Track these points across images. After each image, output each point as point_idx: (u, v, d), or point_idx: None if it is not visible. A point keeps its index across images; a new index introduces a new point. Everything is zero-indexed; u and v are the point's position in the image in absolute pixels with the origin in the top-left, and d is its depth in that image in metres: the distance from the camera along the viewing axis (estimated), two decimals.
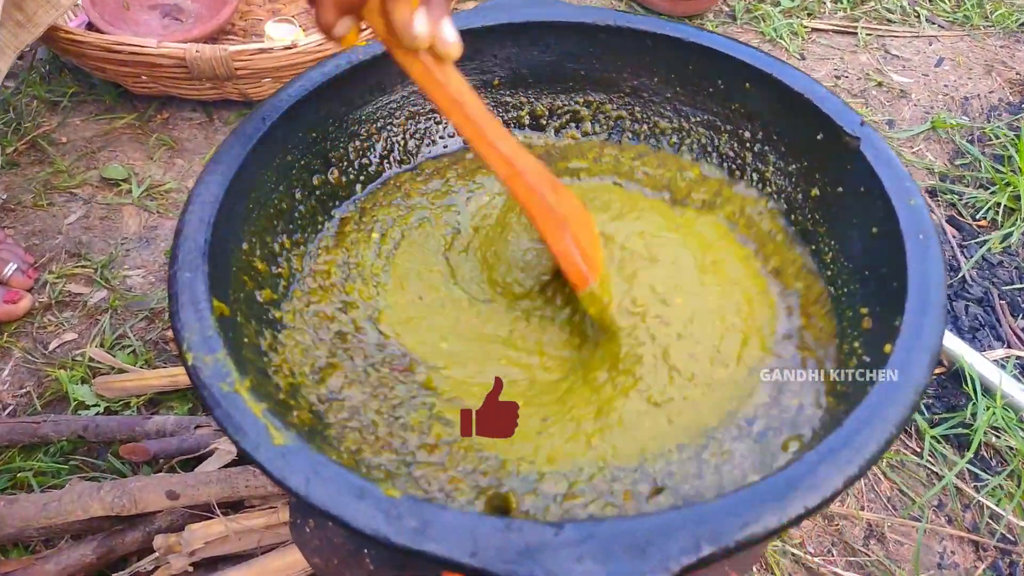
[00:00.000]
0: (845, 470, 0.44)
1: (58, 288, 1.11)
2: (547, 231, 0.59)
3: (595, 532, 0.41)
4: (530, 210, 0.59)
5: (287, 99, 0.64)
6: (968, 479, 0.98)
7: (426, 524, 0.42)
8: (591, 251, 0.61)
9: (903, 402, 0.47)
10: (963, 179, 1.35)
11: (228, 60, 1.23)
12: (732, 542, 0.41)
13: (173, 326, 0.50)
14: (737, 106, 0.71)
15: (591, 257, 0.61)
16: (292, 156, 0.67)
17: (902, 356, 0.49)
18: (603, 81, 0.75)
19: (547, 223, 0.59)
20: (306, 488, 0.43)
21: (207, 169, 0.58)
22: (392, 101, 0.74)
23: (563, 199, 0.60)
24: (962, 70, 1.58)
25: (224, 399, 0.46)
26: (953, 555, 0.92)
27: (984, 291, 1.21)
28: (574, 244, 0.59)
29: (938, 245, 0.55)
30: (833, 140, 0.63)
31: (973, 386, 1.04)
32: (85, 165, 1.29)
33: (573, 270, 0.60)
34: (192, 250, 0.53)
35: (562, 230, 0.59)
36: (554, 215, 0.58)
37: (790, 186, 0.68)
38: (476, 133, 0.56)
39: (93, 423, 0.92)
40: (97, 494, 0.78)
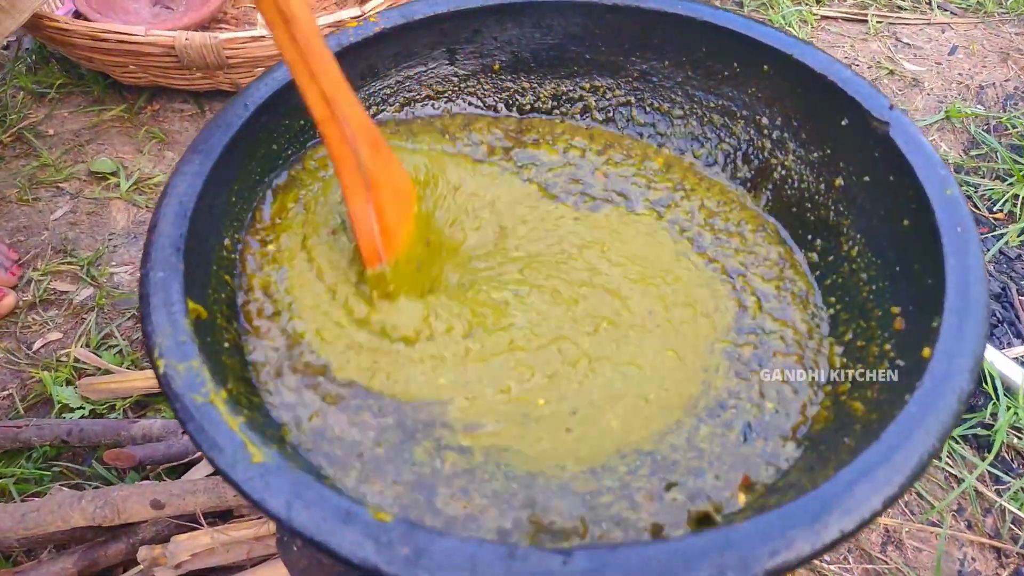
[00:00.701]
0: (884, 490, 0.40)
1: (43, 286, 1.06)
2: (347, 189, 0.53)
3: (609, 562, 0.37)
4: (337, 163, 0.53)
5: (272, 84, 0.60)
6: (989, 482, 0.94)
7: (420, 552, 0.38)
8: (396, 228, 0.55)
9: (946, 411, 0.43)
10: (979, 170, 1.31)
11: (219, 48, 1.19)
12: (761, 571, 0.37)
13: (144, 330, 0.46)
14: (755, 90, 0.66)
15: (393, 234, 0.55)
16: (278, 145, 0.62)
17: (943, 361, 0.45)
18: (610, 65, 0.71)
19: (350, 180, 0.53)
20: (287, 512, 0.39)
21: (184, 159, 0.54)
22: (385, 87, 0.69)
23: (382, 161, 0.54)
24: (976, 58, 1.53)
25: (198, 411, 0.42)
26: (974, 562, 0.89)
27: (1002, 286, 1.16)
28: (374, 212, 0.53)
29: (978, 239, 0.50)
30: (859, 125, 0.59)
31: (993, 385, 1.00)
32: (72, 158, 1.25)
33: (365, 241, 0.54)
34: (166, 247, 0.49)
35: (363, 191, 0.53)
36: (360, 173, 0.52)
37: (811, 176, 0.64)
38: (298, 56, 0.49)
39: (77, 427, 0.88)
40: (78, 504, 0.74)
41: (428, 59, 0.69)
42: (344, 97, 0.52)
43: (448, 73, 0.71)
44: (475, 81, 0.72)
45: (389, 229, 0.55)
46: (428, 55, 0.69)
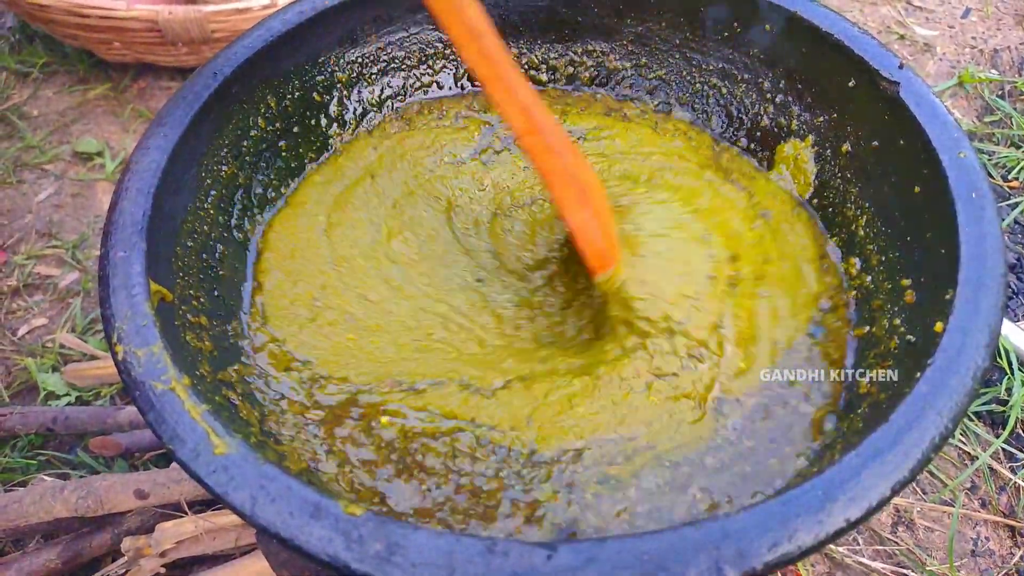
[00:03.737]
0: (893, 475, 0.37)
1: (27, 270, 1.04)
2: (565, 201, 0.51)
3: (595, 556, 0.34)
4: (546, 176, 0.51)
5: (242, 51, 0.56)
6: (1003, 459, 0.91)
7: (393, 548, 0.35)
8: (611, 229, 0.53)
9: (959, 391, 0.40)
10: (993, 137, 1.26)
11: (203, 22, 1.15)
12: (760, 564, 0.34)
13: (103, 314, 0.43)
14: (756, 51, 0.62)
15: (611, 236, 0.52)
16: (252, 117, 0.59)
17: (957, 336, 0.41)
18: (603, 28, 0.67)
19: (566, 191, 0.50)
20: (252, 506, 0.36)
21: (148, 133, 0.51)
22: (366, 55, 0.66)
23: (581, 166, 0.52)
24: (990, 21, 1.48)
25: (158, 400, 0.39)
26: (988, 541, 0.86)
27: (1017, 257, 1.12)
28: (595, 219, 0.51)
29: (994, 204, 0.47)
30: (867, 86, 0.55)
31: (1008, 359, 0.97)
32: (57, 139, 1.22)
33: (592, 249, 0.51)
34: (127, 226, 0.46)
35: (583, 201, 0.50)
36: (575, 182, 0.50)
37: (817, 142, 0.60)
38: (492, 74, 0.48)
39: (63, 415, 0.85)
40: (61, 494, 0.72)
41: (411, 23, 0.66)
42: (538, 107, 0.50)
43: (432, 39, 0.67)
44: None
45: (608, 232, 0.52)
46: (411, 19, 0.65)
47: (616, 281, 0.52)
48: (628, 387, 0.50)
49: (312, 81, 0.63)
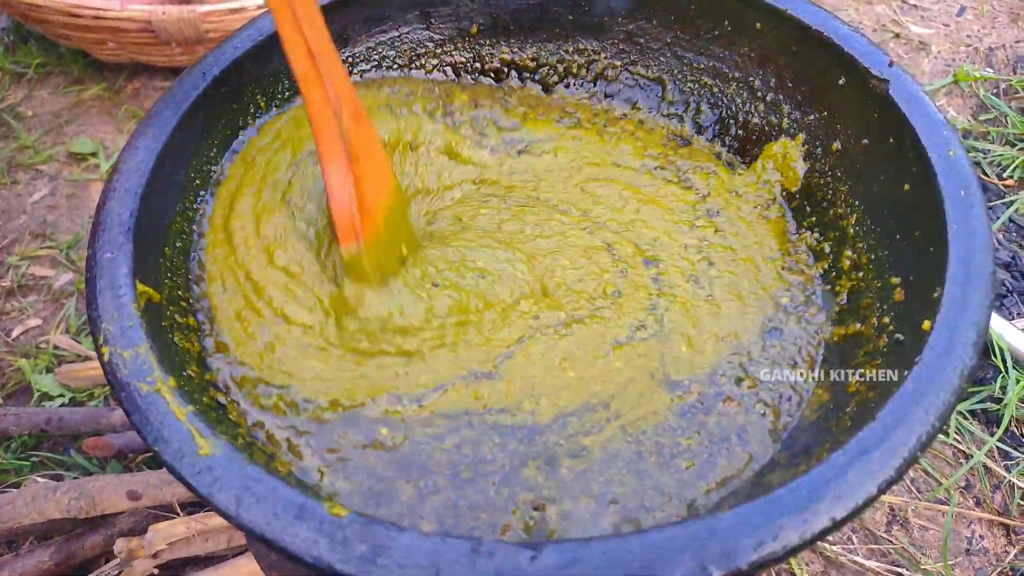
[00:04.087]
0: (879, 474, 0.37)
1: (21, 271, 1.04)
2: (324, 156, 0.49)
3: (580, 556, 0.34)
4: (316, 128, 0.49)
5: (232, 51, 0.56)
6: (998, 458, 0.91)
7: (378, 550, 0.35)
8: (373, 205, 0.51)
9: (946, 389, 0.40)
10: (988, 135, 1.26)
11: (197, 22, 1.15)
12: (745, 564, 0.34)
13: (89, 315, 0.43)
14: (747, 50, 0.62)
15: (370, 211, 0.50)
16: (242, 119, 0.59)
17: (944, 334, 0.41)
18: (594, 26, 0.67)
19: (329, 147, 0.49)
20: (236, 507, 0.36)
21: (136, 133, 0.51)
22: (356, 54, 0.65)
23: (362, 133, 0.50)
24: (986, 19, 1.48)
25: (143, 401, 0.39)
26: (982, 540, 0.86)
27: (1012, 255, 1.12)
28: (352, 185, 0.49)
29: (983, 202, 0.47)
30: (857, 85, 0.55)
31: (1002, 357, 0.97)
32: (52, 140, 1.22)
33: (341, 216, 0.49)
34: (114, 227, 0.46)
35: (343, 160, 0.49)
36: (341, 140, 0.49)
37: (808, 140, 0.60)
38: (282, 4, 0.46)
39: (56, 416, 0.85)
40: (53, 495, 0.72)
41: (401, 23, 0.65)
42: (329, 54, 0.48)
43: (423, 38, 0.67)
44: (452, 46, 0.68)
45: (366, 204, 0.51)
46: (401, 18, 0.65)
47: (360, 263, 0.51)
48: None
49: None
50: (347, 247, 0.51)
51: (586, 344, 0.53)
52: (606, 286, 0.56)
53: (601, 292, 0.56)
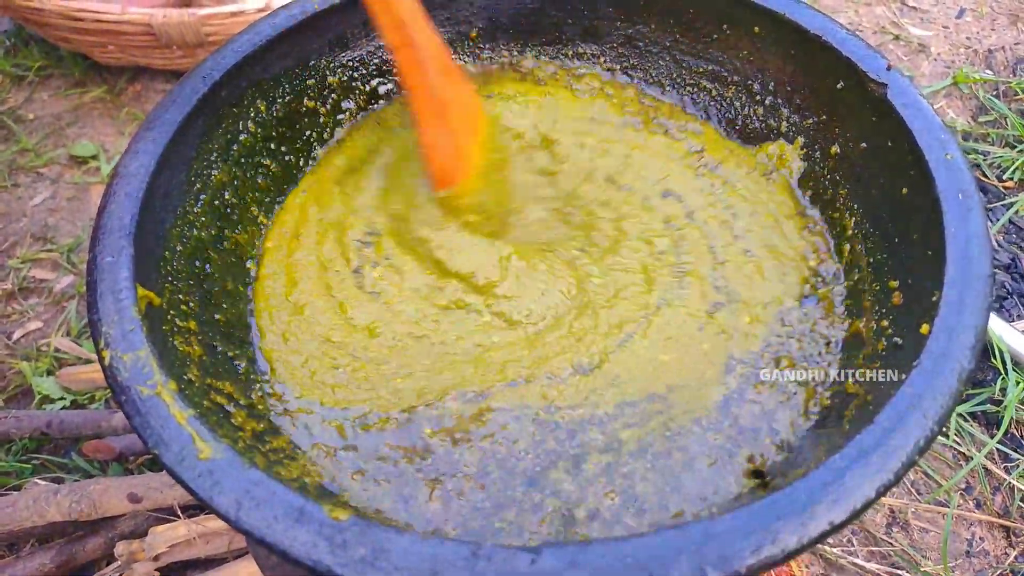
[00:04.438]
0: (878, 477, 0.37)
1: (22, 274, 1.04)
2: (421, 115, 0.54)
3: (578, 560, 0.34)
4: (411, 89, 0.54)
5: (232, 55, 0.56)
6: (998, 460, 0.91)
7: (377, 553, 0.35)
8: (466, 152, 0.56)
9: (945, 392, 0.40)
10: (988, 137, 1.26)
11: (198, 25, 1.15)
12: (743, 568, 0.34)
13: (90, 318, 0.43)
14: (746, 53, 0.62)
15: (463, 158, 0.56)
16: (242, 122, 0.59)
17: (942, 337, 0.41)
18: (593, 30, 0.67)
19: (424, 106, 0.54)
20: (237, 511, 0.36)
21: (137, 137, 0.51)
22: (357, 58, 0.66)
23: (453, 87, 0.55)
24: (985, 21, 1.48)
25: (143, 404, 0.39)
26: (982, 542, 0.86)
27: (1012, 257, 1.12)
28: (447, 136, 0.54)
29: (980, 205, 0.47)
30: (855, 88, 0.55)
31: (1002, 359, 0.97)
32: (53, 143, 1.22)
33: (437, 163, 0.55)
34: (115, 230, 0.46)
35: (437, 117, 0.54)
36: (433, 99, 0.53)
37: (806, 144, 0.60)
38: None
39: (57, 418, 0.86)
40: (54, 498, 0.72)
41: None
42: (418, 22, 0.53)
43: None
44: (451, 50, 0.68)
45: (460, 152, 0.55)
46: None
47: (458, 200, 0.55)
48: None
49: (303, 85, 0.63)
50: (443, 190, 0.55)
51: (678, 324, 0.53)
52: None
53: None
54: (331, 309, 0.55)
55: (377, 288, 0.55)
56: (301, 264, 0.58)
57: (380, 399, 0.51)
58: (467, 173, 0.56)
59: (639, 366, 0.51)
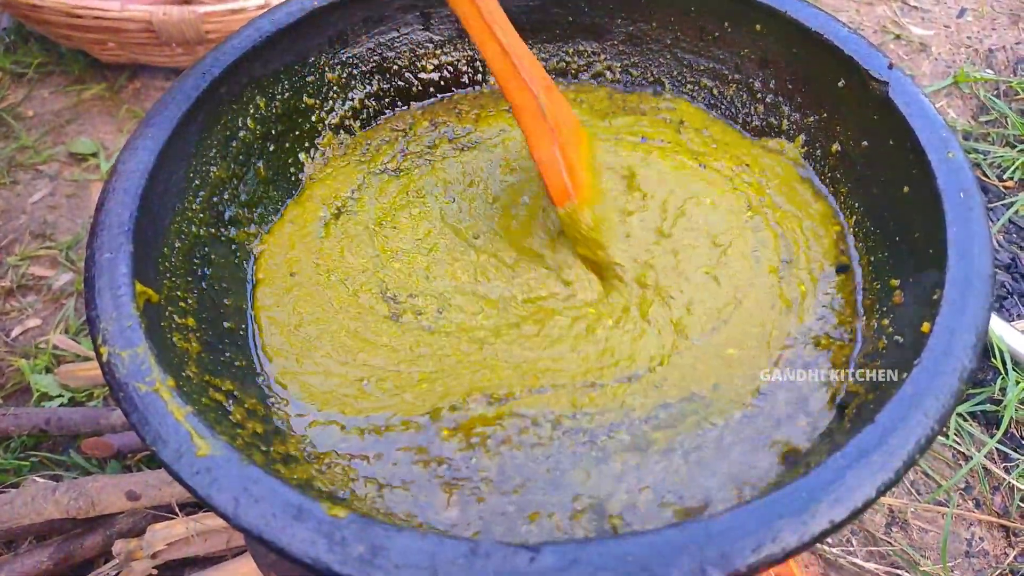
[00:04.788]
0: (878, 476, 0.37)
1: (21, 271, 1.04)
2: (532, 135, 0.55)
3: (579, 558, 0.34)
4: (518, 109, 0.55)
5: (231, 52, 0.56)
6: (997, 459, 0.91)
7: (376, 550, 0.35)
8: (579, 168, 0.56)
9: (946, 392, 0.40)
10: (988, 137, 1.26)
11: (198, 23, 1.15)
12: (744, 566, 0.34)
13: (88, 315, 0.43)
14: (747, 51, 0.62)
15: (577, 174, 0.56)
16: (241, 118, 0.59)
17: (943, 337, 0.41)
18: (594, 28, 0.67)
19: (534, 126, 0.55)
20: (235, 508, 0.36)
21: (136, 133, 0.51)
22: (356, 56, 0.65)
23: (556, 105, 0.56)
24: (986, 20, 1.48)
25: (141, 401, 0.39)
26: (982, 541, 0.86)
27: (1012, 257, 1.12)
28: (560, 154, 0.54)
29: (982, 204, 0.47)
30: (857, 87, 0.55)
31: (1002, 359, 0.97)
32: (52, 140, 1.22)
33: (554, 182, 0.55)
34: (114, 227, 0.46)
35: (549, 136, 0.54)
36: (544, 118, 0.54)
37: (807, 142, 0.60)
38: (475, 10, 0.52)
39: (55, 416, 0.85)
40: (52, 495, 0.72)
41: (401, 24, 0.65)
42: (520, 46, 0.54)
43: (422, 39, 0.67)
44: (451, 47, 0.68)
45: (573, 168, 0.56)
46: (401, 19, 0.65)
47: (579, 217, 0.55)
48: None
49: (302, 82, 0.62)
50: (564, 206, 0.55)
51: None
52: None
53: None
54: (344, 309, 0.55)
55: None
56: (302, 263, 0.58)
57: (403, 404, 0.50)
58: (581, 189, 0.56)
59: (700, 365, 0.52)
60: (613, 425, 0.49)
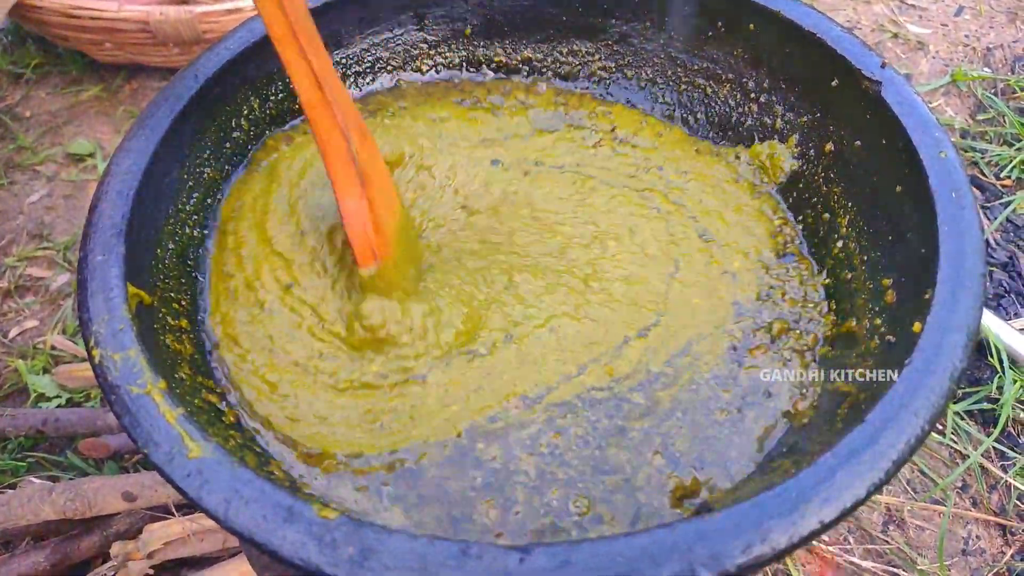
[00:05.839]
0: (868, 476, 0.37)
1: (18, 272, 1.04)
2: (338, 184, 0.49)
3: (569, 559, 0.34)
4: (327, 154, 0.49)
5: (225, 53, 0.56)
6: (994, 458, 0.91)
7: (367, 552, 0.35)
8: (385, 225, 0.51)
9: (936, 391, 0.40)
10: (985, 135, 1.26)
11: (195, 23, 1.15)
12: (733, 567, 0.34)
13: (80, 317, 0.43)
14: (740, 51, 0.62)
15: (384, 231, 0.51)
16: (235, 120, 0.59)
17: (934, 336, 0.41)
18: (588, 28, 0.67)
19: (343, 173, 0.49)
20: (225, 510, 0.36)
21: (129, 134, 0.51)
22: (351, 56, 0.66)
23: (369, 153, 0.50)
24: (984, 18, 1.47)
25: (133, 403, 0.39)
26: (979, 540, 0.86)
27: (1009, 255, 1.12)
28: (367, 207, 0.50)
29: (974, 204, 0.47)
30: (850, 86, 0.55)
31: (999, 357, 0.97)
32: (49, 141, 1.22)
33: (359, 239, 0.50)
34: (106, 229, 0.46)
35: (356, 185, 0.49)
36: (353, 165, 0.49)
37: (800, 141, 0.60)
38: (288, 32, 0.46)
39: (53, 416, 0.85)
40: (49, 496, 0.72)
41: (395, 24, 0.66)
42: (334, 79, 0.48)
43: (417, 39, 0.67)
44: (446, 47, 0.68)
45: (380, 225, 0.51)
46: (395, 20, 0.65)
47: (379, 282, 0.51)
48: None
49: None
50: (366, 268, 0.51)
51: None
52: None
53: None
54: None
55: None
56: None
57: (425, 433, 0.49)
58: (387, 249, 0.52)
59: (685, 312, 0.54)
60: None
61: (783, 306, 0.55)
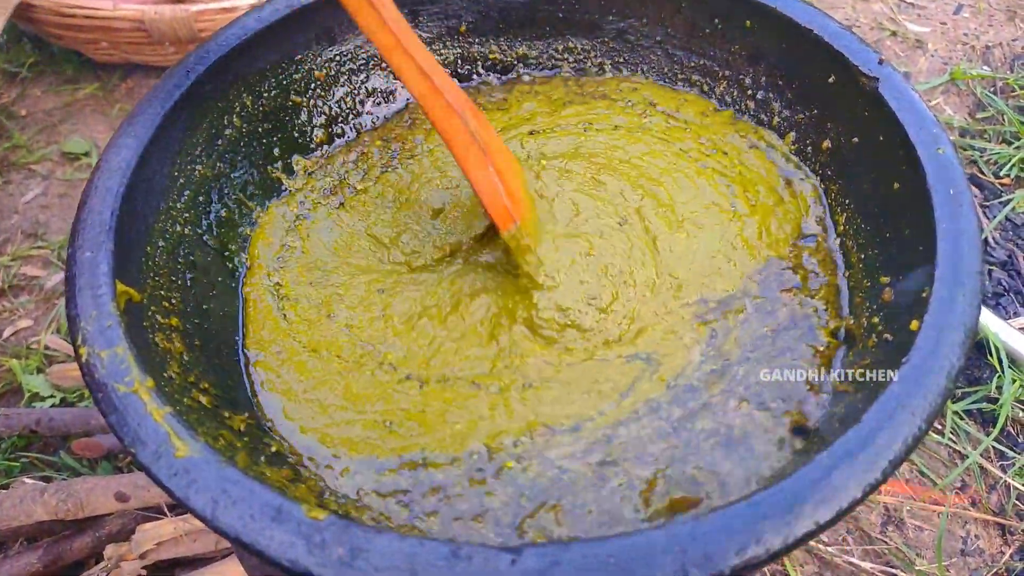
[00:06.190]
0: (864, 477, 0.36)
1: (13, 271, 1.03)
2: (465, 161, 0.53)
3: (560, 560, 0.34)
4: (448, 137, 0.53)
5: (216, 49, 0.56)
6: (994, 458, 0.91)
7: (356, 552, 0.34)
8: (514, 187, 0.55)
9: (933, 390, 0.39)
10: (985, 134, 1.26)
11: (190, 21, 1.14)
12: (727, 568, 0.34)
13: (68, 314, 0.42)
14: (738, 47, 0.62)
15: (515, 194, 0.54)
16: (227, 117, 0.58)
17: (931, 335, 0.41)
18: (584, 24, 0.66)
19: (466, 151, 0.53)
20: (212, 510, 0.36)
21: (119, 131, 0.50)
22: (344, 53, 0.65)
23: (483, 127, 0.54)
24: (983, 17, 1.47)
25: (120, 402, 0.39)
26: (977, 540, 0.85)
27: (1008, 254, 1.12)
28: (497, 176, 0.53)
29: (972, 201, 0.46)
30: (847, 82, 0.54)
31: (998, 357, 0.96)
32: (45, 139, 1.21)
33: (495, 206, 0.53)
34: (95, 225, 0.46)
35: (482, 157, 0.53)
36: (475, 141, 0.52)
37: (798, 138, 0.60)
38: (391, 41, 0.51)
39: (46, 416, 0.85)
40: (41, 497, 0.72)
41: None
42: (437, 68, 0.52)
43: None
44: (440, 45, 0.67)
45: (510, 188, 0.54)
46: None
47: (521, 237, 0.54)
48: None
49: (289, 79, 0.62)
50: (507, 230, 0.54)
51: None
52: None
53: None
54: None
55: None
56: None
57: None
58: (521, 210, 0.55)
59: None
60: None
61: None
